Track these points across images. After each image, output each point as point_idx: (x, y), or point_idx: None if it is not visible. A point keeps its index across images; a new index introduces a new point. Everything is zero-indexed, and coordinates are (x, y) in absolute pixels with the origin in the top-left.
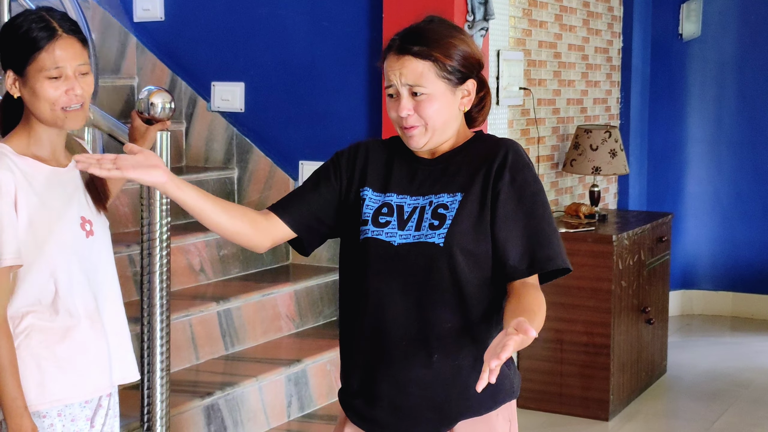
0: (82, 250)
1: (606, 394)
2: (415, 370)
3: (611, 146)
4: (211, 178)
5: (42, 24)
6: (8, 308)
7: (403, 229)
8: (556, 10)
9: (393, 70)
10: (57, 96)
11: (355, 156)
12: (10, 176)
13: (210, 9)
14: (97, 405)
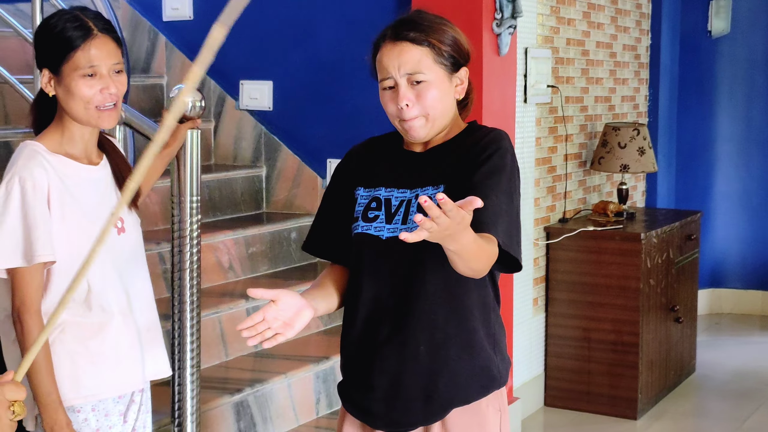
0: (114, 246)
1: (634, 393)
2: (405, 361)
3: (639, 144)
4: (240, 176)
5: (77, 23)
6: (42, 304)
7: (390, 222)
8: (584, 8)
9: (390, 60)
10: (92, 94)
11: (348, 161)
12: (44, 174)
13: None
14: (129, 400)
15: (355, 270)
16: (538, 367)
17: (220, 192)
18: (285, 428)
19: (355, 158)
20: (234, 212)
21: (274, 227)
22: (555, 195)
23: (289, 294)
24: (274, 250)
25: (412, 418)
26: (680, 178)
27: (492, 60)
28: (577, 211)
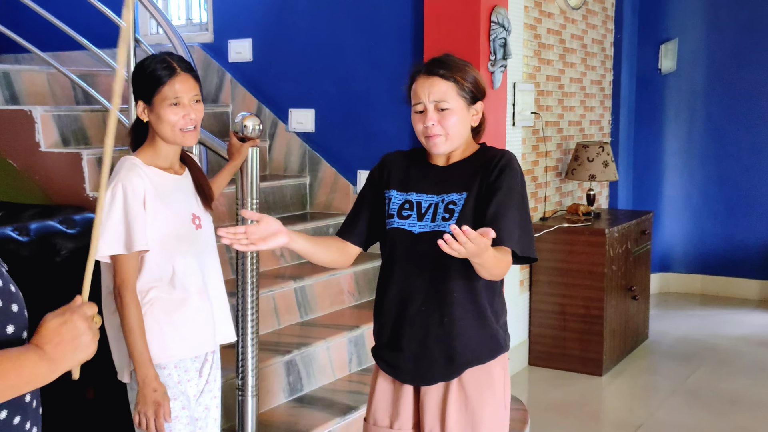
0: (193, 239)
1: (600, 355)
2: (430, 329)
3: (604, 158)
4: (289, 184)
5: (165, 64)
6: (137, 283)
7: (421, 220)
8: (560, 51)
9: (422, 89)
10: (176, 120)
11: (382, 167)
12: (141, 182)
13: (288, 52)
14: (204, 359)
15: (388, 257)
16: (524, 335)
17: (274, 196)
18: (324, 382)
19: (388, 164)
20: (284, 212)
21: (316, 224)
22: (537, 199)
23: (272, 219)
24: None
25: (435, 374)
26: (636, 185)
27: (488, 92)
28: (555, 211)
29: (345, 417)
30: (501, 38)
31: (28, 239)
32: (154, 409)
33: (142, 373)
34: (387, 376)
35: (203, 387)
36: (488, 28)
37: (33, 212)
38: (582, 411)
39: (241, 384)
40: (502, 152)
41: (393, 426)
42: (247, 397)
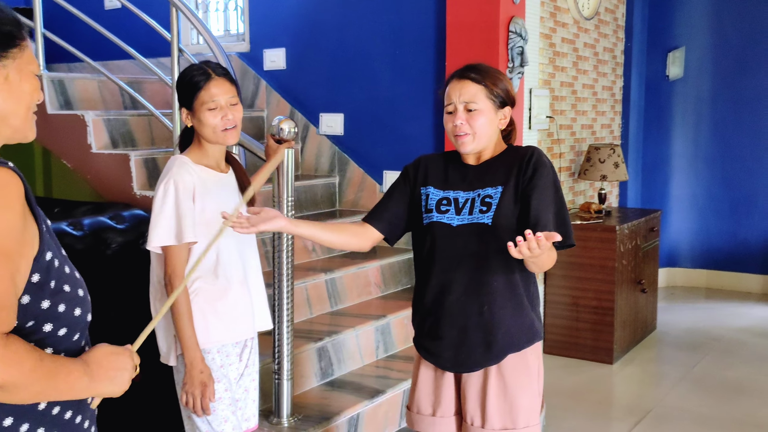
0: (236, 233)
1: (611, 344)
2: (470, 317)
3: (615, 160)
4: (319, 183)
5: (201, 71)
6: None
7: (459, 214)
8: (574, 59)
9: (454, 91)
10: (216, 122)
11: (418, 165)
12: (190, 178)
13: (319, 60)
14: (244, 345)
15: (428, 250)
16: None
17: (305, 195)
18: (353, 367)
19: (424, 163)
20: (315, 209)
21: (344, 220)
22: None
23: (271, 209)
24: None
25: (474, 361)
26: (645, 185)
27: None
28: (569, 209)
29: (373, 400)
30: (518, 47)
31: (81, 233)
32: (201, 390)
33: (189, 356)
34: (429, 365)
35: (243, 370)
36: (506, 38)
37: (85, 209)
38: (594, 397)
39: (277, 368)
40: (532, 149)
41: (435, 414)
42: (282, 381)
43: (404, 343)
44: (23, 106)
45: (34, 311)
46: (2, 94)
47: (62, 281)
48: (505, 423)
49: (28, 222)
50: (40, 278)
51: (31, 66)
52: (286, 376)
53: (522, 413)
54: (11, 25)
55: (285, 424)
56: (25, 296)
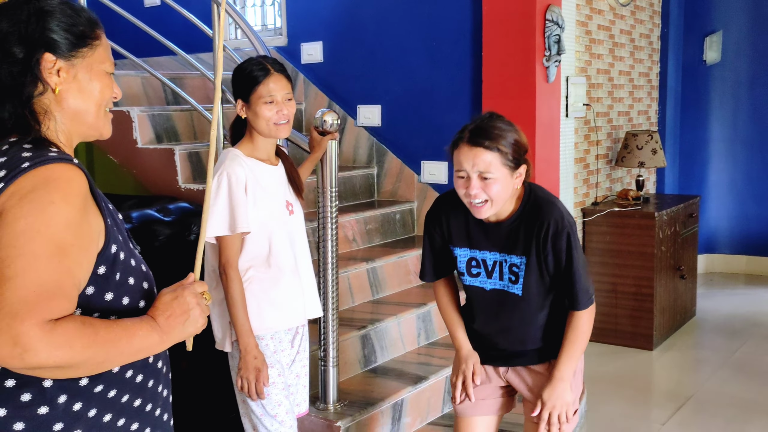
0: (287, 223)
1: (650, 331)
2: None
3: (652, 146)
4: (358, 174)
5: (260, 66)
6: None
7: (490, 278)
8: (610, 46)
9: (467, 159)
10: (271, 115)
11: (440, 221)
12: (242, 171)
13: (356, 53)
14: (295, 332)
15: (468, 301)
16: None
17: (344, 186)
18: (396, 354)
19: (446, 220)
20: (354, 200)
21: (383, 210)
22: (589, 185)
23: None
24: (384, 227)
25: (522, 362)
26: (683, 171)
27: (543, 86)
28: (605, 196)
29: (416, 386)
30: (555, 35)
31: (130, 226)
32: (255, 375)
33: (244, 342)
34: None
35: (294, 356)
36: (543, 26)
37: (133, 202)
38: (634, 383)
39: (323, 355)
40: (547, 215)
41: (482, 398)
42: (328, 367)
43: (445, 331)
44: (93, 104)
45: (99, 302)
46: (72, 93)
47: (127, 274)
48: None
49: (91, 217)
50: (106, 270)
51: (104, 65)
52: (332, 363)
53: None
54: (84, 25)
55: (331, 410)
56: (90, 287)
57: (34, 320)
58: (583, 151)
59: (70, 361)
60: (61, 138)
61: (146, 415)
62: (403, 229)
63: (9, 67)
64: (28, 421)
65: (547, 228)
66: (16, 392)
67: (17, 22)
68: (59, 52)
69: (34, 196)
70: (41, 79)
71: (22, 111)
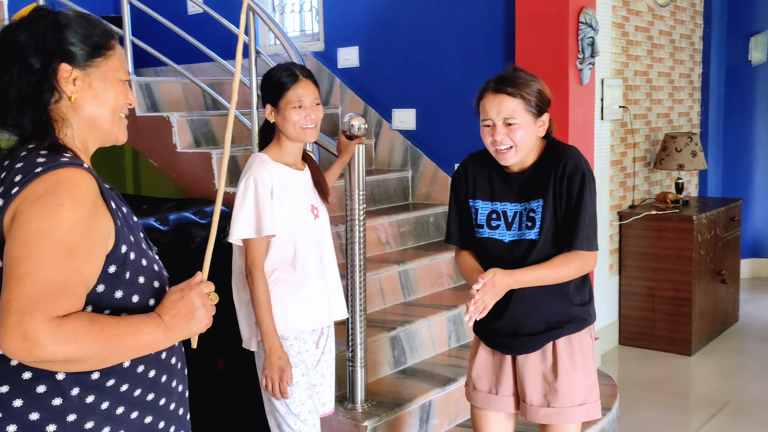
0: (312, 227)
1: (688, 336)
2: (523, 311)
3: (692, 149)
4: (392, 177)
5: (289, 72)
6: (264, 264)
7: (509, 229)
8: (648, 47)
9: (492, 106)
10: (299, 119)
11: (466, 176)
12: (269, 175)
13: (391, 57)
14: (320, 333)
15: (483, 259)
16: (614, 315)
17: (379, 189)
18: (426, 356)
19: (472, 174)
20: (389, 203)
21: (417, 213)
22: (626, 188)
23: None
24: (417, 230)
25: (528, 345)
26: (726, 173)
27: (576, 89)
28: (643, 199)
29: (444, 388)
30: (589, 37)
31: (167, 228)
32: (279, 374)
33: (268, 342)
34: (487, 347)
35: (320, 357)
36: (576, 29)
37: (171, 205)
38: (670, 388)
39: (351, 356)
40: (566, 155)
41: (492, 392)
42: (356, 368)
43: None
44: (108, 110)
45: (109, 300)
46: (88, 100)
47: (137, 273)
48: (561, 401)
49: (100, 218)
50: (116, 269)
51: (118, 72)
52: (360, 364)
53: (576, 392)
54: (99, 36)
55: (359, 410)
56: (100, 285)
57: (43, 317)
58: (619, 153)
59: (76, 356)
60: (77, 144)
61: (160, 408)
62: (437, 232)
63: (27, 77)
64: (43, 411)
65: (564, 165)
66: (33, 384)
67: (35, 35)
68: (75, 62)
69: (45, 199)
70: (57, 88)
71: (40, 118)
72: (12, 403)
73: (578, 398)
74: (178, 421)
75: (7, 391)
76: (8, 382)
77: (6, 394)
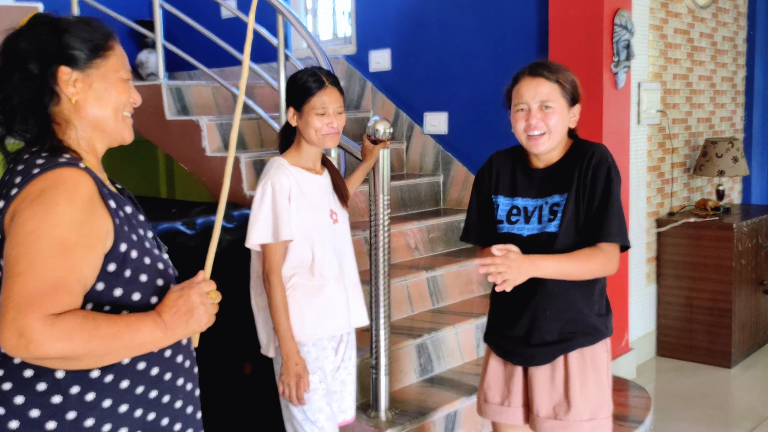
0: (331, 232)
1: (728, 348)
2: (536, 319)
3: (733, 154)
4: (424, 182)
5: (315, 77)
6: (282, 269)
7: (528, 223)
8: (688, 50)
9: (528, 89)
10: (321, 126)
11: (490, 171)
12: (287, 180)
13: (423, 61)
14: (339, 340)
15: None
16: (650, 326)
17: (410, 193)
18: (453, 365)
19: (495, 167)
20: (419, 208)
21: (448, 219)
22: (663, 194)
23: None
24: (447, 236)
25: (539, 357)
26: None
27: (611, 92)
28: (682, 206)
29: (471, 397)
30: (624, 40)
31: (194, 232)
32: (296, 380)
33: (285, 348)
34: (499, 358)
35: (339, 364)
36: (611, 31)
37: (199, 209)
38: (707, 401)
39: (375, 363)
40: (592, 148)
41: (504, 403)
42: (380, 375)
43: None
44: (111, 110)
45: (109, 297)
46: (90, 101)
47: (139, 271)
48: (568, 414)
49: (98, 217)
50: (116, 268)
51: (119, 72)
52: (384, 371)
53: (585, 406)
54: (98, 38)
55: (382, 418)
56: (100, 283)
57: (38, 314)
58: (657, 159)
59: (71, 353)
60: (82, 145)
61: (164, 406)
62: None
63: (27, 82)
64: (43, 408)
65: (590, 157)
66: (33, 381)
67: (35, 41)
68: (75, 65)
69: (42, 198)
70: (56, 91)
71: (43, 122)
72: (14, 400)
73: (587, 413)
74: (185, 419)
75: (10, 388)
76: (11, 379)
77: (9, 391)
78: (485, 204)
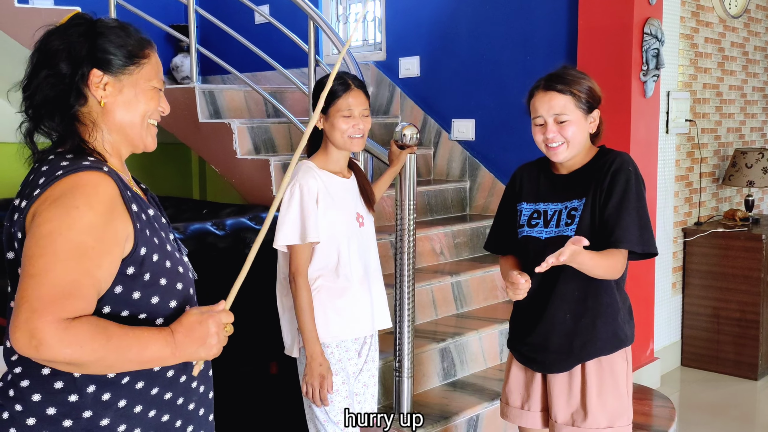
0: (357, 235)
1: (755, 359)
2: (555, 325)
3: (763, 165)
4: (450, 188)
5: (341, 81)
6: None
7: (547, 226)
8: (719, 59)
9: (542, 104)
10: (347, 129)
11: (515, 182)
12: (314, 182)
13: (451, 67)
14: (363, 342)
15: (522, 261)
16: (676, 336)
17: (436, 199)
18: (476, 369)
19: (520, 178)
20: (445, 213)
21: (474, 225)
22: (691, 204)
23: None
24: (473, 241)
25: (558, 365)
26: None
27: (639, 101)
28: (711, 216)
29: (493, 402)
30: (654, 49)
31: (224, 233)
32: (319, 381)
33: (310, 349)
34: (519, 364)
35: (362, 366)
36: (641, 40)
37: (230, 210)
38: (733, 413)
39: (398, 366)
40: (615, 155)
41: (524, 407)
42: (403, 378)
43: None
44: (138, 117)
45: (127, 300)
46: (118, 106)
47: (159, 275)
48: (585, 422)
49: (117, 222)
50: (134, 271)
51: (152, 81)
52: (407, 374)
53: (602, 414)
54: (133, 45)
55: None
56: (118, 286)
57: (51, 317)
58: (685, 168)
59: (79, 360)
60: (107, 148)
61: (177, 408)
62: None
63: (52, 80)
64: (60, 406)
65: (610, 164)
66: (51, 380)
67: (68, 41)
68: (107, 69)
69: (62, 201)
70: (85, 93)
71: (70, 122)
72: (31, 397)
73: (604, 421)
74: (197, 422)
75: (28, 386)
76: (29, 376)
77: (26, 388)
78: (509, 214)
